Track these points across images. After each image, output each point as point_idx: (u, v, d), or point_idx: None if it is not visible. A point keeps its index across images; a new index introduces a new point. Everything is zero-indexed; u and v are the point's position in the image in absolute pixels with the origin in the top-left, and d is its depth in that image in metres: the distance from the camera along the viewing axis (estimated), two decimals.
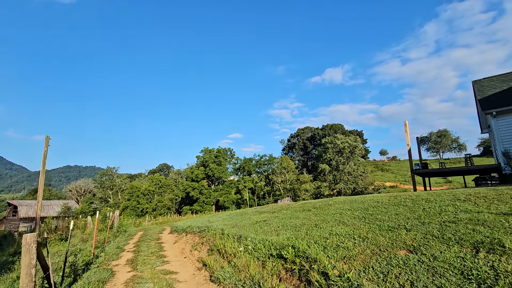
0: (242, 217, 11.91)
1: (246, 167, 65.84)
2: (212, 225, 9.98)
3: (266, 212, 11.70)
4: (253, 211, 13.63)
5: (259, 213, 11.94)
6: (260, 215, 11.08)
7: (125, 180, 79.71)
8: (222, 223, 10.90)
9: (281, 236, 6.29)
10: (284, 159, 68.03)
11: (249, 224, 9.15)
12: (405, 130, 17.00)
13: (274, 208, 12.75)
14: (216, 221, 12.01)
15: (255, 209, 15.63)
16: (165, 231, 14.47)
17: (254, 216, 11.35)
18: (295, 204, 12.86)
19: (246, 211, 14.79)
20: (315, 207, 10.05)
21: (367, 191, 63.15)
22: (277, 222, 8.61)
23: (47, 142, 16.58)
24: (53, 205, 66.86)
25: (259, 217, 10.62)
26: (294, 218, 8.69)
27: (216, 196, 57.15)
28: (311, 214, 8.74)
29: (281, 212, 10.54)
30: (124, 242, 11.36)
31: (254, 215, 11.73)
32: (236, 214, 14.24)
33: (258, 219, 10.00)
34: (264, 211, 12.24)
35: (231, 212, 16.36)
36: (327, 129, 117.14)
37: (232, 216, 13.14)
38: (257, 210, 14.01)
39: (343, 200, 10.25)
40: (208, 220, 13.17)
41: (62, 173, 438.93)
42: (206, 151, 63.37)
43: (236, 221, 10.67)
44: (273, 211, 11.40)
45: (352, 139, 68.50)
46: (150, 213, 54.41)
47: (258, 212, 12.72)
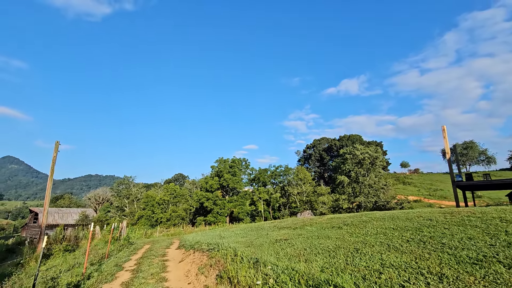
0: (258, 233, 10.35)
1: (261, 178, 64.07)
2: (224, 242, 8.51)
3: (286, 228, 10.08)
4: (270, 226, 12.02)
5: (277, 229, 10.33)
6: (279, 232, 9.47)
7: (141, 189, 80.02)
8: (235, 239, 9.38)
9: (313, 264, 4.72)
10: (300, 170, 65.72)
11: (268, 244, 7.60)
12: (443, 136, 14.90)
13: (295, 223, 11.10)
14: (228, 237, 10.52)
15: (272, 223, 13.98)
16: (173, 245, 13.10)
17: (272, 232, 9.76)
18: (319, 219, 11.15)
19: (262, 226, 13.17)
20: (346, 223, 8.35)
21: (389, 205, 59.43)
22: (302, 242, 7.01)
23: (56, 148, 16.02)
24: (71, 213, 67.69)
25: (278, 234, 9.03)
26: (323, 237, 7.07)
27: (230, 207, 55.57)
28: (344, 233, 7.08)
29: (304, 229, 8.91)
30: (126, 257, 10.09)
31: (272, 231, 10.13)
32: (251, 229, 12.66)
33: (278, 236, 8.42)
34: (284, 227, 10.61)
35: (245, 226, 14.85)
36: (344, 140, 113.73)
37: (246, 232, 11.58)
38: (275, 224, 12.37)
39: (380, 216, 8.48)
40: (220, 235, 11.67)
41: (84, 181, 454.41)
42: (221, 161, 62.40)
43: (251, 238, 9.13)
44: (294, 227, 9.76)
45: (373, 149, 65.37)
46: (164, 223, 53.57)
47: (276, 227, 11.11)
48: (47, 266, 12.27)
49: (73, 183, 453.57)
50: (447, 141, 14.90)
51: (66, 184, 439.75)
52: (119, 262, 9.35)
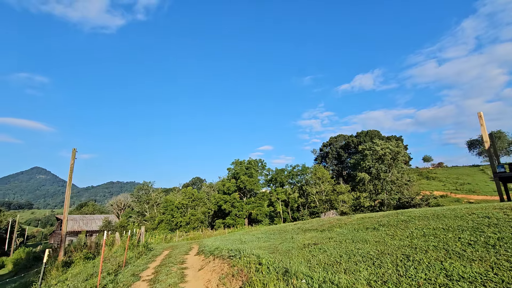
0: (281, 236, 9.55)
1: (278, 178, 63.05)
2: (245, 247, 7.78)
3: (312, 230, 9.21)
4: (293, 228, 11.17)
5: (302, 232, 9.48)
6: (305, 235, 8.63)
7: (160, 194, 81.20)
8: (257, 244, 8.63)
9: (356, 276, 3.86)
10: (318, 168, 64.09)
11: (295, 249, 6.78)
12: (480, 124, 13.40)
13: (321, 224, 10.20)
14: (249, 241, 9.80)
15: (295, 225, 13.11)
16: (192, 250, 12.55)
17: (297, 235, 8.93)
18: (347, 219, 10.18)
19: (285, 228, 12.34)
20: (381, 224, 7.39)
21: (414, 202, 56.78)
22: (335, 247, 6.15)
23: (73, 155, 16.04)
24: (95, 219, 69.67)
25: (304, 237, 8.19)
26: (359, 241, 6.17)
27: (248, 209, 54.98)
28: (383, 236, 6.15)
29: (334, 231, 8.02)
30: (144, 265, 9.62)
31: (297, 233, 9.29)
32: (273, 231, 11.86)
33: (305, 240, 7.59)
34: (309, 229, 9.75)
35: (266, 229, 14.05)
36: (362, 136, 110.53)
37: (268, 235, 10.80)
38: (299, 226, 11.51)
39: (421, 215, 7.44)
40: (240, 240, 10.97)
41: (106, 188, 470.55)
42: (237, 163, 62.03)
43: (275, 243, 8.34)
44: (321, 229, 8.88)
45: (394, 144, 62.74)
46: (184, 226, 53.84)
47: (300, 229, 10.25)
48: (66, 276, 12.05)
49: (96, 190, 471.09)
50: (485, 129, 13.41)
51: (90, 192, 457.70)
52: (136, 271, 8.88)
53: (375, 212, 11.68)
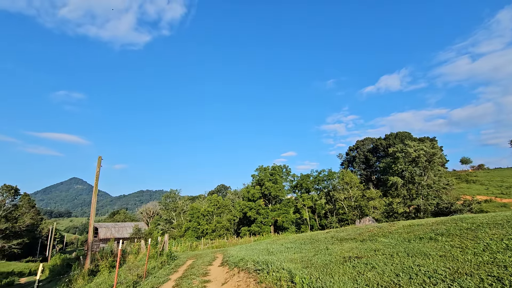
0: (314, 247, 8.43)
1: (304, 184, 61.04)
2: (273, 259, 6.82)
3: (349, 240, 8.01)
4: (326, 237, 9.98)
5: (338, 241, 8.30)
6: (342, 245, 7.47)
7: (187, 202, 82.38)
8: (287, 256, 7.61)
9: None
10: (346, 173, 61.23)
11: (334, 264, 5.69)
12: None
13: (359, 233, 8.94)
14: (277, 252, 8.79)
15: (327, 233, 11.85)
16: (216, 261, 11.79)
17: (333, 246, 7.78)
18: (390, 226, 8.83)
19: (316, 237, 11.14)
20: (439, 233, 6.07)
21: (454, 207, 52.06)
22: (386, 262, 4.99)
23: (99, 163, 16.22)
24: (126, 227, 72.04)
25: (342, 248, 7.05)
26: (416, 254, 4.96)
27: (274, 216, 53.59)
28: (449, 249, 4.88)
29: (378, 241, 6.80)
30: (165, 277, 9.00)
31: (332, 244, 8.14)
32: (303, 241, 10.73)
33: (344, 252, 6.46)
34: (345, 238, 8.54)
35: (295, 237, 12.88)
36: (391, 139, 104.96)
37: (299, 245, 9.70)
38: (332, 235, 10.28)
39: (490, 221, 6.02)
40: (267, 250, 9.97)
41: (137, 197, 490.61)
42: (261, 170, 61.13)
43: (308, 254, 7.27)
44: (361, 239, 7.66)
45: (428, 145, 58.47)
46: (210, 233, 53.68)
47: (335, 238, 9.06)
48: (90, 286, 11.77)
49: (128, 199, 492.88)
50: None
51: (122, 200, 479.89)
52: (156, 283, 8.26)
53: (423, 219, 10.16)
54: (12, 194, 62.30)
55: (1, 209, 59.32)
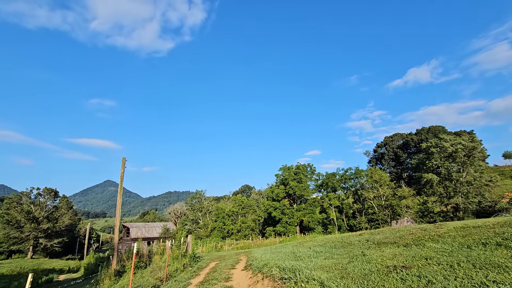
0: (347, 251, 7.47)
1: (330, 182, 58.94)
2: (301, 266, 6.01)
3: (389, 244, 6.96)
4: (360, 240, 8.93)
5: (375, 245, 7.27)
6: (381, 250, 6.46)
7: (212, 202, 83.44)
8: (317, 262, 6.74)
9: None
10: (375, 171, 58.21)
11: (376, 274, 4.73)
12: None
13: (399, 236, 7.81)
14: (306, 256, 7.95)
15: (360, 235, 10.71)
16: (239, 264, 11.21)
17: (369, 251, 6.79)
18: (438, 229, 7.61)
19: (348, 239, 10.10)
20: (508, 237, 4.89)
21: (499, 206, 47.44)
22: (445, 274, 3.97)
23: (123, 164, 16.41)
24: (155, 227, 74.36)
25: (382, 254, 6.06)
26: (486, 266, 3.91)
27: (299, 216, 52.27)
28: None
29: (426, 247, 5.74)
30: (186, 281, 8.55)
31: (368, 248, 7.14)
32: (333, 244, 9.73)
33: (385, 259, 5.49)
34: (383, 241, 7.49)
35: (324, 240, 11.84)
36: (423, 133, 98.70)
37: (329, 248, 8.75)
38: (367, 238, 9.20)
39: None
40: (294, 253, 9.15)
41: (165, 198, 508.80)
42: (285, 169, 60.02)
43: (341, 261, 6.35)
44: (404, 243, 6.59)
45: (466, 138, 53.81)
46: (235, 234, 53.70)
47: (371, 242, 8.00)
48: (117, 286, 11.68)
49: (157, 200, 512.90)
50: None
51: (151, 201, 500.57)
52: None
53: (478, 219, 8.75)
54: (52, 196, 66.79)
55: (43, 210, 63.81)
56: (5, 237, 56.26)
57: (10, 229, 56.56)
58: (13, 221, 56.98)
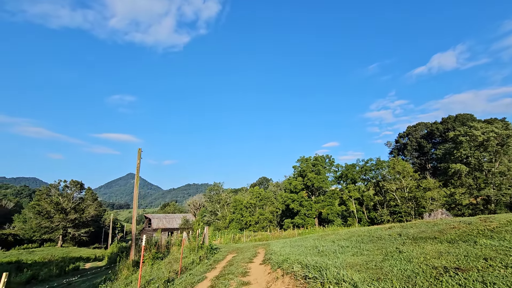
0: (377, 246, 6.64)
1: (349, 174, 57.15)
2: (327, 263, 5.27)
3: (428, 240, 6.05)
4: (390, 234, 8.02)
5: (412, 241, 6.36)
6: (420, 247, 5.57)
7: (229, 194, 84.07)
8: (345, 259, 5.93)
9: None
10: (398, 162, 55.65)
11: (422, 277, 3.85)
12: None
13: (439, 229, 6.85)
14: (330, 252, 7.19)
15: (390, 228, 9.74)
16: (257, 257, 10.67)
17: (406, 247, 5.92)
18: (485, 223, 6.57)
19: (376, 233, 9.17)
20: None
21: None
22: None
23: (139, 155, 16.31)
24: (175, 218, 76.16)
25: (423, 251, 5.19)
26: None
27: (318, 208, 51.26)
28: None
29: (479, 244, 4.81)
30: (201, 275, 8.11)
31: (403, 244, 6.26)
32: (360, 238, 8.87)
33: (430, 259, 4.63)
34: (420, 236, 6.57)
35: (348, 233, 10.93)
36: (449, 122, 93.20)
37: (356, 243, 7.92)
38: (397, 231, 8.25)
39: None
40: (316, 248, 8.40)
41: (185, 190, 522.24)
42: (302, 160, 58.85)
43: (374, 258, 5.52)
44: (447, 239, 5.66)
45: (500, 126, 49.98)
46: (253, 225, 53.75)
47: (405, 237, 7.08)
48: (131, 279, 11.55)
49: (177, 192, 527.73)
50: None
51: (172, 193, 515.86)
52: (190, 283, 7.38)
53: None
54: (78, 188, 69.89)
55: (70, 201, 66.99)
56: (37, 226, 59.74)
57: (41, 219, 59.91)
58: (44, 211, 60.27)
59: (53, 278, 25.78)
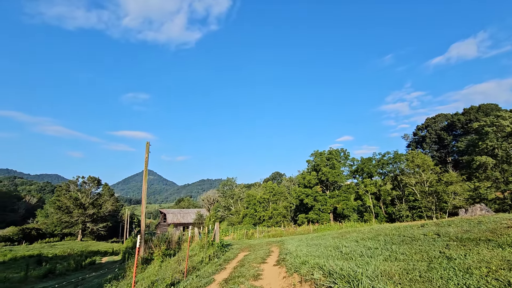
0: (414, 249, 5.57)
1: (365, 168, 55.15)
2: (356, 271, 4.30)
3: (480, 242, 4.96)
4: (425, 233, 6.90)
5: (458, 243, 5.27)
6: (472, 251, 4.48)
7: (243, 189, 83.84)
8: (378, 265, 4.86)
9: None
10: (417, 155, 53.09)
11: None
12: None
13: (490, 230, 5.71)
14: (356, 254, 6.17)
15: (422, 226, 8.53)
16: (271, 256, 9.81)
17: (453, 251, 4.85)
18: None
19: (407, 232, 8.00)
20: None
21: None
22: None
23: (147, 149, 15.79)
24: (190, 213, 76.78)
25: (480, 258, 4.11)
26: None
27: (332, 203, 49.86)
28: None
29: None
30: (208, 278, 7.34)
31: (447, 247, 5.18)
32: (388, 237, 7.76)
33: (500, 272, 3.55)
34: (467, 237, 5.47)
35: (373, 231, 9.73)
36: (472, 113, 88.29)
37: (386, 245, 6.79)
38: (434, 229, 7.12)
39: None
40: (337, 248, 7.38)
41: (199, 185, 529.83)
42: (316, 154, 57.33)
43: (414, 266, 4.42)
44: (508, 242, 4.54)
45: None
46: (266, 220, 53.17)
47: (448, 237, 5.97)
48: (141, 277, 10.98)
49: (191, 187, 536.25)
50: None
51: (186, 189, 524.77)
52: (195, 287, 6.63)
53: None
54: (95, 184, 71.49)
55: (88, 196, 68.68)
56: (58, 221, 61.71)
57: (61, 214, 61.79)
58: (63, 207, 62.10)
59: (70, 272, 26.08)
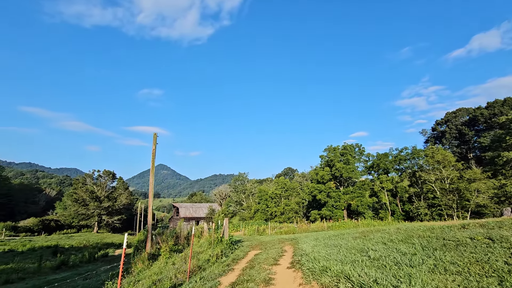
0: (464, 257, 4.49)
1: (381, 164, 53.04)
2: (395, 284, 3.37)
3: None
4: (471, 236, 5.78)
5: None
6: None
7: (255, 185, 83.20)
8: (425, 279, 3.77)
9: None
10: (437, 150, 50.44)
11: None
12: None
13: None
14: (389, 261, 5.15)
15: (464, 227, 7.36)
16: (284, 257, 8.91)
17: None
18: None
19: (447, 235, 6.81)
20: None
21: None
22: None
23: (155, 140, 15.20)
24: (202, 207, 77.15)
25: None
26: None
27: (346, 200, 48.32)
28: None
29: None
30: (214, 281, 6.53)
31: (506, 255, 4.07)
32: (423, 240, 6.65)
33: None
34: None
35: (401, 231, 8.57)
36: (496, 107, 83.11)
37: (424, 250, 5.68)
38: (478, 232, 5.97)
39: None
40: (363, 251, 6.36)
41: (211, 180, 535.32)
42: (330, 150, 55.67)
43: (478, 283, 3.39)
44: None
45: None
46: (278, 216, 52.39)
47: (498, 241, 4.87)
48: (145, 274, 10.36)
49: (204, 182, 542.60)
50: None
51: (199, 184, 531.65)
52: None
53: None
54: (110, 178, 72.76)
55: (104, 190, 70.02)
56: (75, 213, 63.38)
57: (78, 206, 63.38)
58: (80, 199, 63.65)
59: (83, 264, 26.22)
